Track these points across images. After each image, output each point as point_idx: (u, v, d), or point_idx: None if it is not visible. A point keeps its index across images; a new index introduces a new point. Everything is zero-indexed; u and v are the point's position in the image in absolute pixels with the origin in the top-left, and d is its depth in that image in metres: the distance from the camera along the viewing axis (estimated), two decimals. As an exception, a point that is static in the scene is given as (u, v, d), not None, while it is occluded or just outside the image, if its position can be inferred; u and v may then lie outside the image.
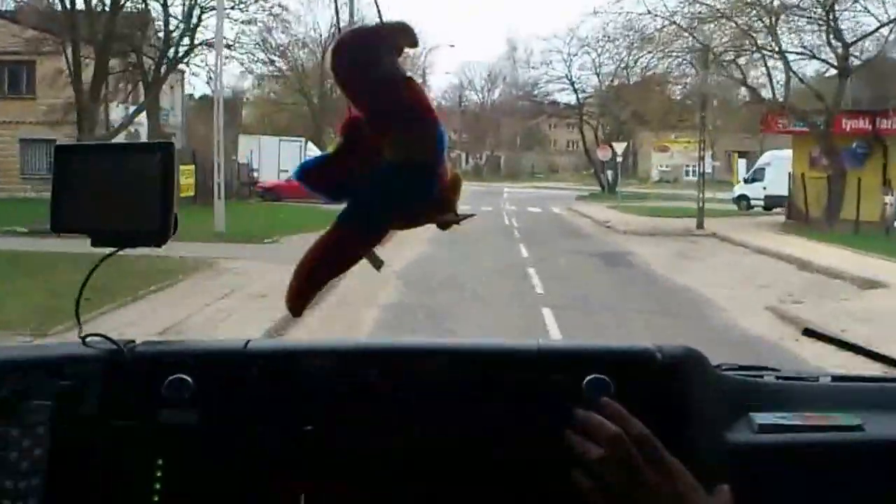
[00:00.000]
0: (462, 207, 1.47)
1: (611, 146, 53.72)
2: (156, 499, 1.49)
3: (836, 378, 1.91)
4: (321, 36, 66.25)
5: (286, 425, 1.53)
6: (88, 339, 1.61)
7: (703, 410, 1.58)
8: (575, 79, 66.50)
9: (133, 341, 1.66)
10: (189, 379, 1.53)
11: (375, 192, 1.36)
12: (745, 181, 48.05)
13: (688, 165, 75.57)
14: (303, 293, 1.42)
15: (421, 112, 1.34)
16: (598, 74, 64.57)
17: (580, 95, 67.72)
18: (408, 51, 1.37)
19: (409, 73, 1.36)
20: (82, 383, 1.55)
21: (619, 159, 49.67)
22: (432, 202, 1.40)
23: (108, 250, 1.55)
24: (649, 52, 37.47)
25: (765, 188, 45.67)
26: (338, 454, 1.53)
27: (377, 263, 1.43)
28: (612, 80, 61.93)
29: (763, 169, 46.95)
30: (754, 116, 39.93)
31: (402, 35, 1.34)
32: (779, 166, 44.21)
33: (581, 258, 22.08)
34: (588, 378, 1.49)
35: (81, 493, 1.50)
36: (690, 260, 22.04)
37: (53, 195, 1.52)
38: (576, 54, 62.87)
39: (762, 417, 1.63)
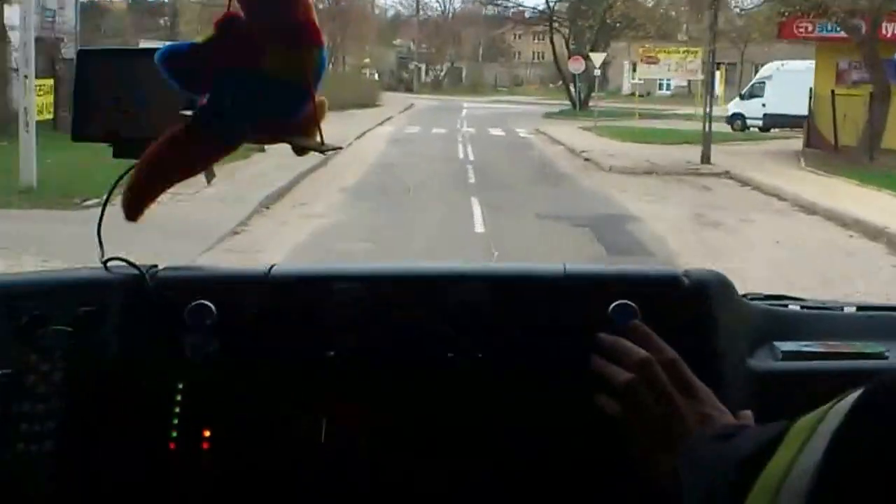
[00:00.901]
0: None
1: (585, 57, 45.88)
2: (175, 421, 1.48)
3: (860, 308, 1.91)
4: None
5: (309, 351, 1.52)
6: (110, 263, 1.59)
7: (727, 336, 1.55)
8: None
9: (156, 266, 1.63)
10: (211, 305, 1.51)
11: (241, 102, 1.28)
12: (742, 97, 40.31)
13: (661, 79, 68.63)
14: (140, 195, 1.35)
15: (308, 34, 1.27)
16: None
17: (550, -1, 58.30)
18: None
19: None
20: (103, 308, 1.52)
21: (598, 72, 41.74)
22: (295, 124, 1.32)
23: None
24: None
25: (764, 105, 38.42)
26: (361, 379, 1.51)
27: (210, 177, 1.39)
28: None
29: (762, 84, 39.47)
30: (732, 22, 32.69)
31: None
32: (781, 80, 37.10)
33: (564, 232, 14.37)
34: (615, 303, 1.46)
35: (100, 416, 1.48)
36: (720, 232, 14.60)
37: (75, 102, 1.50)
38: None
39: (785, 345, 1.63)
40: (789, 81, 35.37)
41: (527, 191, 19.26)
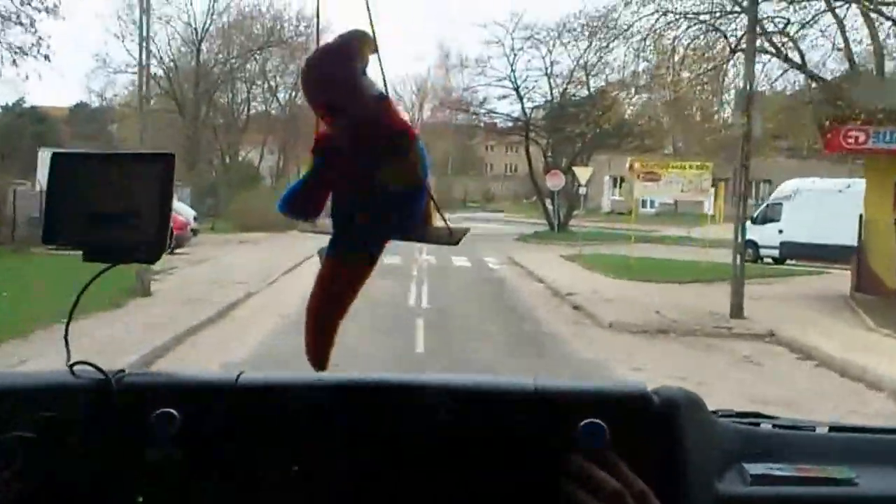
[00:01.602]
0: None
1: (565, 172, 40.30)
2: None
3: (833, 428, 1.88)
4: (194, 26, 52.39)
5: (274, 465, 1.50)
6: (76, 367, 1.58)
7: (697, 458, 1.54)
8: (520, 80, 50.59)
9: (123, 371, 1.62)
10: (176, 413, 1.48)
11: (369, 219, 1.37)
12: (754, 221, 34.22)
13: (645, 197, 63.41)
14: (320, 343, 1.45)
15: (401, 134, 1.34)
16: (548, 76, 49.43)
17: (526, 105, 51.65)
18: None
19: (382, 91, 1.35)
20: (67, 414, 1.49)
21: (584, 190, 36.01)
22: (421, 219, 1.41)
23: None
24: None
25: (781, 232, 32.64)
26: (325, 495, 1.50)
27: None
28: (566, 85, 47.94)
29: (779, 205, 33.78)
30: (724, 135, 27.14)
31: (365, 45, 1.35)
32: (803, 202, 31.57)
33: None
34: (584, 422, 1.43)
35: None
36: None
37: (47, 205, 1.49)
38: (521, 49, 48.14)
39: (755, 468, 1.62)
40: (814, 203, 29.95)
41: (501, 369, 13.03)
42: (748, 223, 33.44)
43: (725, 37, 20.87)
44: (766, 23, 20.17)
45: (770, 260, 32.88)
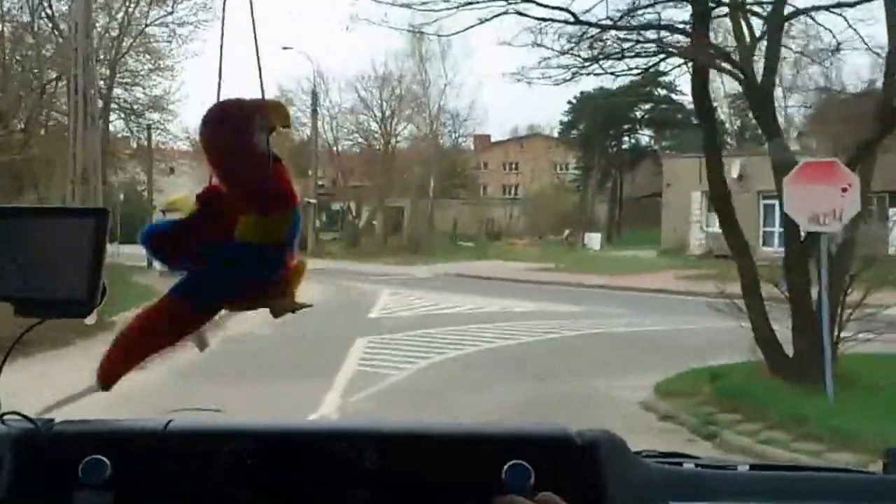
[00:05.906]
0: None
1: (852, 164, 9.04)
2: None
3: (753, 467, 1.80)
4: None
5: None
6: (6, 416, 1.50)
7: (619, 497, 1.50)
8: None
9: (52, 420, 1.55)
10: (106, 460, 1.44)
11: (215, 269, 1.32)
12: None
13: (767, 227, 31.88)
14: (118, 363, 1.36)
15: (281, 197, 1.29)
16: None
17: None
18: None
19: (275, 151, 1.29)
20: None
21: None
22: (270, 286, 1.34)
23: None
24: None
25: None
26: None
27: (202, 345, 1.38)
28: None
29: None
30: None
31: (276, 114, 1.31)
32: None
33: None
34: (509, 464, 1.41)
35: None
36: None
37: None
38: None
39: None
40: None
41: None
42: None
43: None
44: None
45: None
